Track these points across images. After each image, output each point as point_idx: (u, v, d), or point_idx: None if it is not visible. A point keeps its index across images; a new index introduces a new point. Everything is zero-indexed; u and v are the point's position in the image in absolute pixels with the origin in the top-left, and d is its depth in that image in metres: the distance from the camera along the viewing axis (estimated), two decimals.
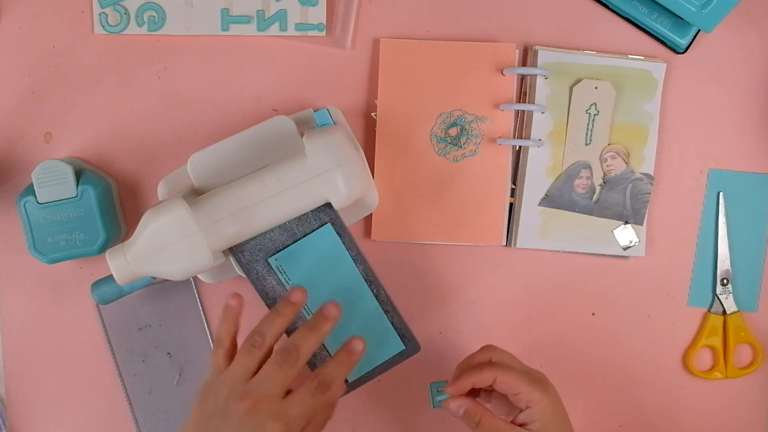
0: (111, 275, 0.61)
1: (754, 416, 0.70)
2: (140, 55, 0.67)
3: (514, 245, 0.68)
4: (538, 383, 0.56)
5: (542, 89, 0.66)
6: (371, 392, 0.69)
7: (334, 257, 0.60)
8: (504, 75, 0.66)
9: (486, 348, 0.59)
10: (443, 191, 0.67)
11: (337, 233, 0.59)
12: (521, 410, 0.56)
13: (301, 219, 0.59)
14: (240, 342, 0.55)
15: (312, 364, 0.61)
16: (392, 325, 0.61)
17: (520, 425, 0.56)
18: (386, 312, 0.61)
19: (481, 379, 0.56)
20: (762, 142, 0.69)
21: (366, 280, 0.60)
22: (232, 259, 0.59)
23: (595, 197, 0.68)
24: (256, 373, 0.54)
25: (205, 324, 0.68)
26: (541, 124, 0.67)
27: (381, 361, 0.61)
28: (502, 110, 0.67)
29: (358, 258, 0.60)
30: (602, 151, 0.67)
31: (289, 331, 0.58)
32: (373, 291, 0.60)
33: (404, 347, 0.62)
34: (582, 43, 0.68)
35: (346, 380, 0.61)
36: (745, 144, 0.69)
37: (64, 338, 0.68)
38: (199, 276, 0.66)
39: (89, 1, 0.66)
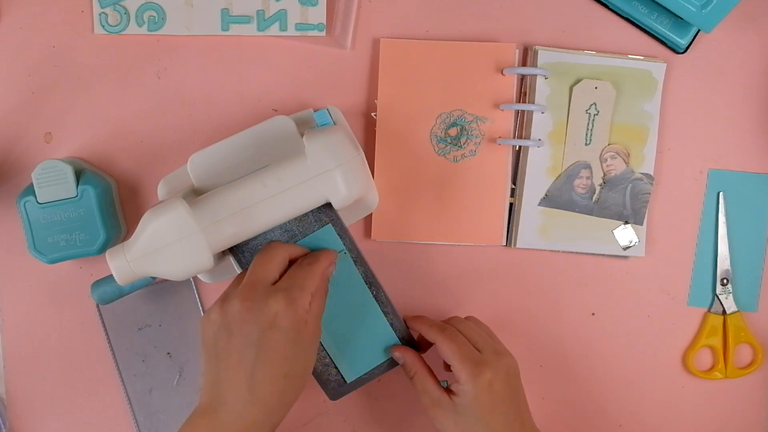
0: (111, 275, 0.61)
1: (754, 416, 0.70)
2: (140, 55, 0.67)
3: (514, 245, 0.68)
4: (474, 365, 0.56)
5: (542, 89, 0.66)
6: (371, 392, 0.69)
7: None
8: (504, 75, 0.66)
9: (456, 318, 0.62)
10: (443, 191, 0.67)
11: (338, 235, 0.59)
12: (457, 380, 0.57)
13: (301, 220, 0.59)
14: None
15: None
16: (391, 327, 0.61)
17: (450, 393, 0.58)
18: (386, 314, 0.61)
19: (427, 335, 0.60)
20: (762, 142, 0.69)
21: (366, 282, 0.60)
22: (232, 259, 0.59)
23: (595, 197, 0.68)
24: None
25: None
26: (541, 124, 0.67)
27: (379, 363, 0.61)
28: (502, 110, 0.67)
29: (359, 260, 0.60)
30: (602, 151, 0.67)
31: None
32: (373, 293, 0.60)
33: None
34: (582, 43, 0.68)
35: (345, 381, 0.61)
36: (745, 144, 0.69)
37: (64, 338, 0.68)
38: (199, 276, 0.66)
39: (89, 1, 0.66)
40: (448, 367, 0.61)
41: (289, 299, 0.52)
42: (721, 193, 0.69)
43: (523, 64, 0.68)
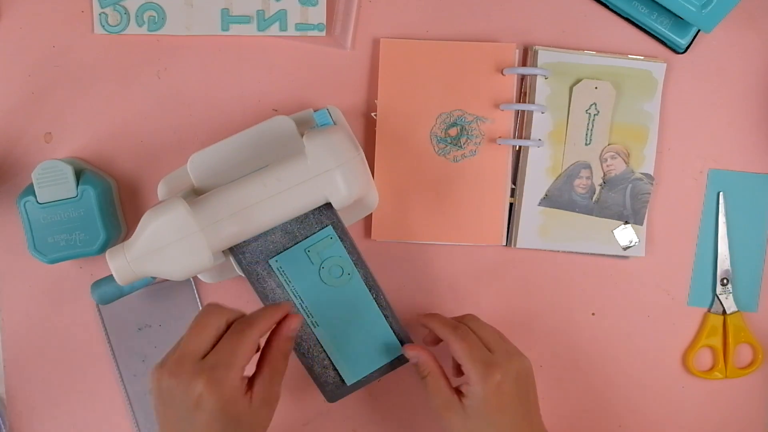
0: (111, 275, 0.61)
1: (754, 416, 0.70)
2: (140, 55, 0.67)
3: (514, 245, 0.68)
4: (484, 366, 0.55)
5: (542, 89, 0.66)
6: (371, 392, 0.69)
7: (335, 261, 0.60)
8: (504, 75, 0.66)
9: (470, 316, 0.61)
10: (443, 191, 0.67)
11: (339, 237, 0.59)
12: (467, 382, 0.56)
13: (302, 221, 0.59)
14: None
15: (309, 367, 0.61)
16: (391, 329, 0.61)
17: (460, 395, 0.57)
18: (386, 317, 0.61)
19: (439, 332, 0.59)
20: (762, 142, 0.69)
21: (366, 285, 0.60)
22: (232, 259, 0.59)
23: (595, 197, 0.68)
24: None
25: None
26: (541, 124, 0.67)
27: (379, 366, 0.61)
28: (502, 110, 0.67)
29: (359, 262, 0.60)
30: (602, 151, 0.67)
31: None
32: (373, 295, 0.60)
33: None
34: (582, 43, 0.68)
35: (344, 382, 0.61)
36: (745, 144, 0.69)
37: (64, 338, 0.68)
38: (199, 276, 0.66)
39: (89, 1, 0.66)
40: (458, 372, 0.61)
41: (211, 381, 0.49)
42: (721, 193, 0.69)
43: (523, 64, 0.68)
